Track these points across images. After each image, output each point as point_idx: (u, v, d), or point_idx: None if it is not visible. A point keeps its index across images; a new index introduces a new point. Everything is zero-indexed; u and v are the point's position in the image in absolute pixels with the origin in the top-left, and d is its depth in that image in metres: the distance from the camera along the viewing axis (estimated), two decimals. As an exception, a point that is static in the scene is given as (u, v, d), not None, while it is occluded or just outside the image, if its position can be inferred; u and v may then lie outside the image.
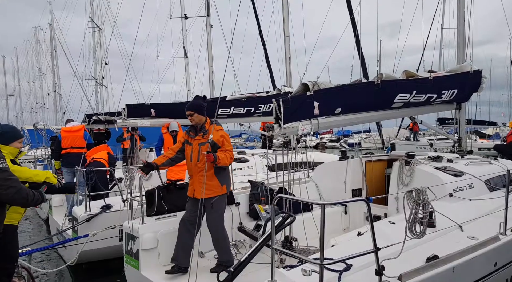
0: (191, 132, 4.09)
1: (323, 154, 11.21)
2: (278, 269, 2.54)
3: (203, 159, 3.83)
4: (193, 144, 4.02)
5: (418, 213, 2.48)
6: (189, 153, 4.04)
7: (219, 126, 4.09)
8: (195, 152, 3.98)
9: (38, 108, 31.97)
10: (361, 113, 4.28)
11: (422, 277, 2.49)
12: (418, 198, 2.47)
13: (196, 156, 3.96)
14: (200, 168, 3.92)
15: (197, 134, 4.03)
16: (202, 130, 4.03)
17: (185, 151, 4.12)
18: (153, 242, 4.09)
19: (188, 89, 15.61)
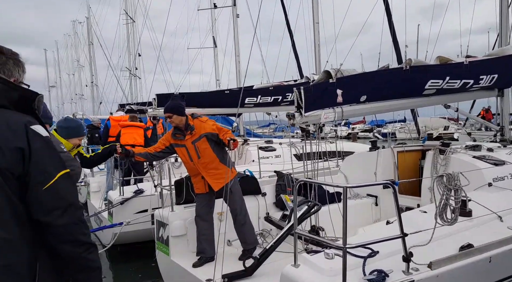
0: (177, 135, 4.00)
1: (354, 144, 10.98)
2: (301, 254, 2.53)
3: (204, 154, 3.91)
4: (187, 145, 3.96)
5: (449, 199, 2.37)
6: (186, 154, 3.99)
7: (203, 117, 4.08)
8: (192, 151, 3.94)
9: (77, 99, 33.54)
10: (389, 101, 4.12)
11: (454, 265, 2.38)
12: (450, 183, 2.35)
13: (195, 154, 3.95)
14: (205, 163, 3.95)
15: (185, 134, 3.95)
16: (188, 128, 3.96)
17: (179, 154, 4.07)
18: (182, 230, 4.18)
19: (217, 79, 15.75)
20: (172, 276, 4.20)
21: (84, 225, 1.51)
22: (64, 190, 1.46)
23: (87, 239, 1.51)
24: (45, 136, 1.47)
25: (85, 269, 1.52)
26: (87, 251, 1.51)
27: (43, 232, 1.42)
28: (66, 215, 1.43)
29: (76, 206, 1.49)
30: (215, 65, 16.02)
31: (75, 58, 33.47)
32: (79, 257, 1.48)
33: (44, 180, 1.41)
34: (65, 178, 1.48)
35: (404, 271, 2.31)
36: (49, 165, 1.45)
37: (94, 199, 7.81)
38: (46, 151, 1.46)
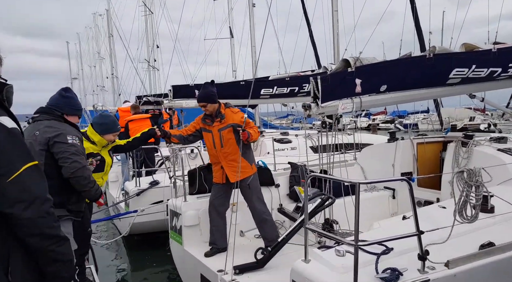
0: (207, 120, 3.99)
1: (373, 135, 10.76)
2: (313, 249, 2.46)
3: (227, 144, 3.85)
4: (213, 131, 3.95)
5: (469, 196, 2.24)
6: (211, 140, 3.98)
7: (235, 108, 4.01)
8: (216, 138, 3.92)
9: (99, 91, 34.13)
10: (410, 91, 3.95)
11: (473, 264, 2.26)
12: (470, 179, 2.22)
13: (219, 142, 3.92)
14: (227, 153, 3.91)
15: (214, 121, 3.94)
16: (218, 115, 3.92)
17: (205, 138, 4.07)
18: (195, 219, 4.18)
19: (233, 70, 15.66)
20: (184, 265, 4.22)
21: (51, 218, 1.48)
22: (29, 183, 1.43)
23: (55, 232, 1.49)
24: (10, 127, 1.44)
25: (54, 262, 1.51)
26: (55, 244, 1.49)
27: (11, 224, 1.41)
28: (31, 208, 1.40)
29: (42, 198, 1.45)
30: (232, 55, 15.92)
31: (96, 50, 34.01)
32: (47, 250, 1.47)
33: (7, 172, 1.39)
34: (32, 170, 1.45)
35: (419, 269, 2.21)
36: (14, 157, 1.41)
37: (112, 188, 7.96)
38: (11, 142, 1.42)
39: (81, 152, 2.96)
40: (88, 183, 2.95)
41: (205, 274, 3.68)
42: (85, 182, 2.92)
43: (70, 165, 2.83)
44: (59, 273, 1.54)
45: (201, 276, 3.76)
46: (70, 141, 2.88)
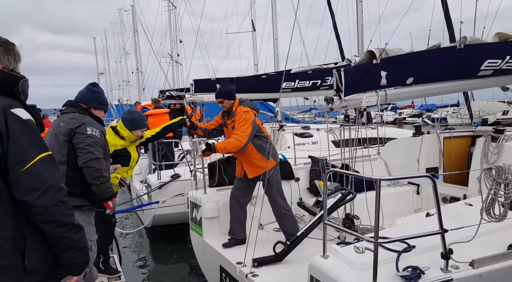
0: (225, 116, 4.13)
1: (397, 129, 10.47)
2: (332, 245, 2.41)
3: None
4: (228, 127, 4.07)
5: (497, 194, 2.13)
6: (228, 135, 4.10)
7: (246, 107, 3.95)
8: (231, 134, 3.97)
9: (124, 86, 34.81)
10: (439, 83, 3.79)
11: (500, 265, 2.16)
12: (499, 176, 2.11)
13: None
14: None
15: (229, 117, 4.03)
16: (230, 113, 4.01)
17: (225, 133, 4.23)
18: (214, 211, 4.20)
19: (255, 64, 15.59)
20: (204, 256, 4.26)
21: (65, 206, 1.53)
22: (43, 172, 1.48)
23: (68, 220, 1.54)
24: (25, 119, 1.50)
25: (69, 249, 1.56)
26: (69, 231, 1.54)
27: (27, 211, 1.46)
28: (44, 196, 1.45)
29: (56, 187, 1.50)
30: (253, 49, 15.85)
31: (121, 45, 34.63)
32: (62, 237, 1.53)
33: (22, 161, 1.44)
34: (45, 160, 1.50)
35: (442, 268, 2.13)
36: (28, 147, 1.46)
37: (136, 181, 8.12)
38: (25, 133, 1.48)
39: (98, 144, 2.96)
40: (99, 176, 2.91)
41: (224, 266, 3.70)
42: (96, 174, 2.89)
43: (84, 155, 2.86)
44: (73, 260, 1.59)
45: (220, 267, 3.79)
46: (89, 132, 2.92)
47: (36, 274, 1.50)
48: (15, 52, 1.65)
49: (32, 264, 1.47)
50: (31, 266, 1.47)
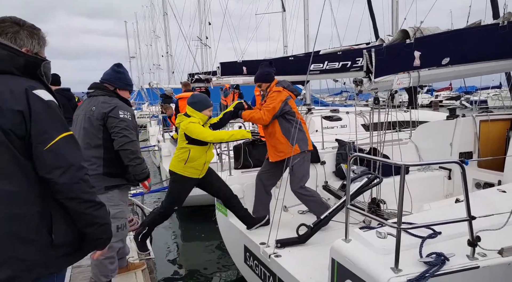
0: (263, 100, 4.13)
1: (431, 112, 10.06)
2: (355, 229, 2.39)
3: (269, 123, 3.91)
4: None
5: (532, 180, 2.02)
6: None
7: (278, 87, 3.94)
8: None
9: (155, 69, 35.25)
10: (478, 63, 3.57)
11: (531, 255, 2.07)
12: (535, 161, 1.99)
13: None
14: (269, 132, 3.94)
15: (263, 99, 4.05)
16: (264, 95, 4.04)
17: None
18: (239, 193, 4.25)
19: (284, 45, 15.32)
20: (229, 236, 4.36)
21: (86, 184, 1.58)
22: (64, 151, 1.53)
23: (90, 197, 1.59)
24: (47, 100, 1.54)
25: (91, 225, 1.63)
26: (91, 208, 1.60)
27: (51, 188, 1.53)
28: (66, 174, 1.51)
29: (77, 166, 1.56)
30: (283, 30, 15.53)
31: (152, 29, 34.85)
32: (84, 213, 1.59)
33: (44, 140, 1.49)
34: (66, 140, 1.56)
35: (468, 255, 2.06)
36: (49, 127, 1.52)
37: (165, 162, 8.34)
38: (47, 113, 1.52)
39: (131, 126, 3.06)
40: (135, 157, 3.04)
41: (248, 246, 3.77)
42: (132, 155, 3.02)
43: (120, 138, 2.98)
44: (96, 235, 1.66)
45: (244, 247, 3.87)
46: (122, 115, 3.02)
47: (63, 247, 1.58)
48: (40, 36, 1.70)
49: (58, 238, 1.55)
50: (57, 239, 1.55)
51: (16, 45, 1.61)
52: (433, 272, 1.94)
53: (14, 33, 1.62)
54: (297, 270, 2.97)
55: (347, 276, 2.18)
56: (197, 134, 3.61)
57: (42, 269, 1.53)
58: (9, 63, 1.52)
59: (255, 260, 3.62)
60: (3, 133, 1.44)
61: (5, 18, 1.65)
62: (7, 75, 1.52)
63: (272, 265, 3.24)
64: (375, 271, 1.99)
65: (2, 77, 1.51)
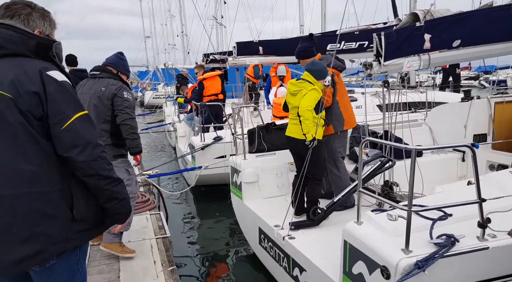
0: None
1: (448, 94, 9.90)
2: (366, 211, 2.46)
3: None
4: None
5: (544, 164, 2.04)
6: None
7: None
8: None
9: (170, 49, 34.91)
10: (489, 45, 3.52)
11: (540, 236, 2.11)
12: (547, 145, 2.01)
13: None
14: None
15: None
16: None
17: None
18: (253, 177, 4.36)
19: (301, 25, 15.03)
20: (244, 218, 4.49)
21: (104, 161, 1.64)
22: (81, 130, 1.58)
23: (109, 174, 1.66)
24: (60, 80, 1.58)
25: (111, 200, 1.70)
26: (111, 184, 1.67)
27: (71, 166, 1.59)
28: (84, 152, 1.56)
29: (94, 144, 1.60)
30: (299, 9, 15.21)
31: (167, 8, 34.36)
32: (104, 189, 1.66)
33: (61, 120, 1.54)
34: (82, 119, 1.60)
35: (478, 237, 2.12)
36: (65, 107, 1.56)
37: (181, 143, 8.53)
38: (62, 94, 1.56)
39: (132, 106, 3.55)
40: (133, 132, 3.50)
41: (263, 228, 3.89)
42: (131, 130, 3.49)
43: (122, 115, 3.46)
44: (116, 209, 1.74)
45: (259, 229, 3.99)
46: (126, 96, 3.50)
47: (84, 222, 1.65)
48: (51, 19, 1.74)
49: (80, 214, 1.62)
50: (78, 215, 1.62)
51: (29, 27, 1.64)
52: (443, 253, 2.01)
53: (27, 15, 1.66)
54: (310, 252, 3.07)
55: (359, 257, 2.27)
56: (306, 101, 3.46)
57: (66, 243, 1.61)
58: (22, 46, 1.56)
59: (270, 242, 3.73)
60: (22, 115, 1.49)
61: (16, 0, 1.68)
62: (21, 57, 1.56)
63: (286, 247, 3.35)
64: (385, 252, 2.07)
65: (16, 60, 1.55)
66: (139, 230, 4.33)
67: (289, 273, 3.35)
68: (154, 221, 4.58)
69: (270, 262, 3.81)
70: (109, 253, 3.64)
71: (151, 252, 3.81)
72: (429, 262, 1.96)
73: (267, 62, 8.02)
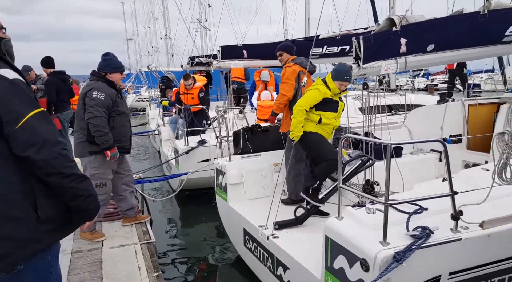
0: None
1: (426, 96, 10.23)
2: (347, 207, 2.55)
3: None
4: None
5: (509, 158, 2.17)
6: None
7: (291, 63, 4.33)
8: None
9: (153, 52, 34.51)
10: (461, 50, 3.71)
11: (509, 226, 2.24)
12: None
13: None
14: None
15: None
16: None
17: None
18: (238, 178, 4.41)
19: (285, 29, 15.21)
20: (229, 220, 4.52)
21: (65, 158, 1.57)
22: (37, 128, 1.52)
23: (72, 171, 1.59)
24: (11, 78, 1.53)
25: (76, 197, 1.63)
26: (74, 181, 1.60)
27: (30, 165, 1.52)
28: (42, 150, 1.51)
29: (52, 141, 1.54)
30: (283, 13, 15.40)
31: (150, 10, 34.02)
32: (67, 187, 1.59)
33: (15, 119, 1.49)
34: (38, 117, 1.54)
35: (452, 229, 2.23)
36: (18, 105, 1.51)
37: (165, 146, 8.50)
38: (13, 92, 1.51)
39: (101, 104, 3.75)
40: (96, 130, 3.73)
41: (247, 229, 3.94)
42: (94, 129, 3.73)
43: (87, 114, 3.75)
44: (82, 207, 1.67)
45: (244, 231, 4.03)
46: (95, 95, 3.75)
47: (51, 222, 1.59)
48: None
49: (45, 213, 1.56)
50: (43, 215, 1.56)
51: None
52: (419, 245, 2.11)
53: None
54: (294, 250, 3.13)
55: (340, 251, 2.35)
56: (300, 100, 3.76)
57: (34, 244, 1.55)
58: None
59: (254, 242, 3.79)
60: None
61: None
62: None
63: (270, 246, 3.40)
64: (364, 245, 2.16)
65: None
66: (123, 235, 4.25)
67: (273, 273, 3.40)
68: (138, 226, 4.50)
69: (255, 263, 3.85)
70: (92, 260, 3.62)
71: (136, 258, 3.73)
72: (407, 254, 2.05)
73: (252, 66, 8.10)
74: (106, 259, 3.70)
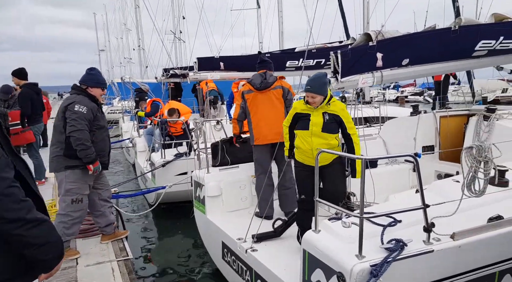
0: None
1: (399, 108, 10.54)
2: (324, 220, 2.57)
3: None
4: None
5: (477, 172, 2.26)
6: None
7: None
8: None
9: (126, 63, 34.21)
10: (433, 64, 3.87)
11: (479, 237, 2.31)
12: (480, 154, 2.24)
13: None
14: None
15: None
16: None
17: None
18: (217, 190, 4.38)
19: (260, 42, 15.44)
20: (207, 233, 4.48)
21: (9, 199, 1.27)
22: None
23: (17, 215, 1.29)
24: None
25: (27, 246, 1.36)
26: (21, 228, 1.31)
27: None
28: None
29: None
30: (258, 27, 15.66)
31: (122, 21, 33.85)
32: (14, 234, 1.31)
33: None
34: None
35: (424, 241, 2.29)
36: None
37: (140, 158, 8.34)
38: None
39: (83, 118, 3.68)
40: (79, 144, 3.65)
41: (226, 242, 3.91)
42: (77, 142, 3.65)
43: (69, 127, 3.65)
44: (37, 256, 1.40)
45: (222, 243, 4.00)
46: (76, 108, 3.68)
47: (2, 274, 1.36)
48: None
49: None
50: None
51: None
52: (394, 257, 2.15)
53: None
54: (272, 263, 3.13)
55: (317, 265, 2.36)
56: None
57: None
58: None
59: (233, 255, 3.76)
60: None
61: None
62: None
63: (249, 259, 3.39)
64: (340, 259, 2.18)
65: None
66: (99, 252, 4.11)
67: (252, 286, 3.38)
68: (114, 242, 4.35)
69: (233, 276, 3.82)
70: (66, 279, 3.49)
71: (113, 276, 3.60)
72: (383, 267, 2.08)
73: (228, 77, 8.16)
74: (81, 277, 3.57)
